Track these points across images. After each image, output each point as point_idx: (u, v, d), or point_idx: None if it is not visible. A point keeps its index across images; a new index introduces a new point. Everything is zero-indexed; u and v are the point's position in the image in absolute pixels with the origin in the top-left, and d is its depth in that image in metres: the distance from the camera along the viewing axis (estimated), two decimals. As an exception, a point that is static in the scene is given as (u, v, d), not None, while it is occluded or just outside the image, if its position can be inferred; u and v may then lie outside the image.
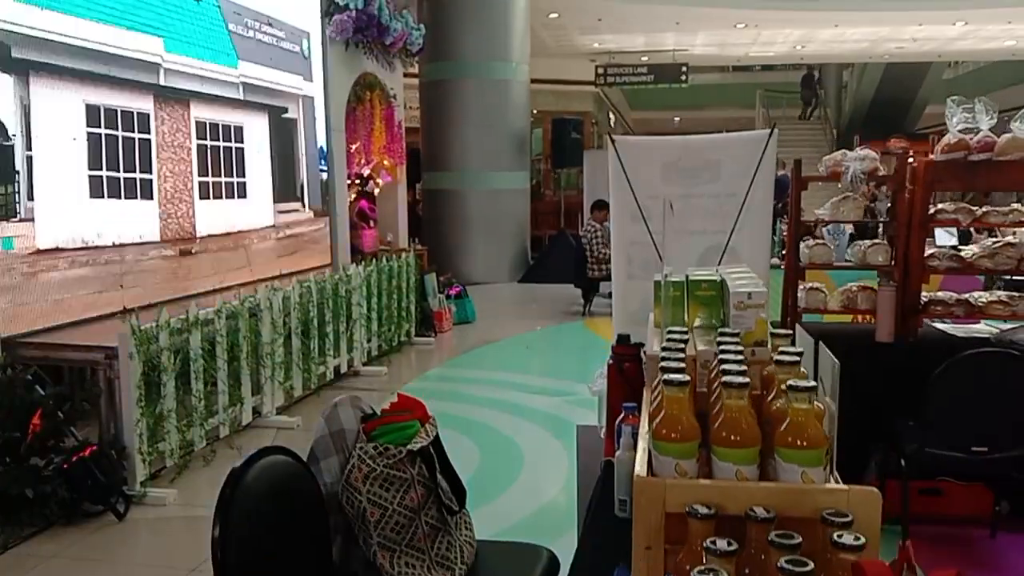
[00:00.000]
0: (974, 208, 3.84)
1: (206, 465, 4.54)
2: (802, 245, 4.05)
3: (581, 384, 6.30)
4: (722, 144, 4.15)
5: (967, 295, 3.95)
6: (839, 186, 3.96)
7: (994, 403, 3.29)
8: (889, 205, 4.09)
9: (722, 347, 1.62)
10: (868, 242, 3.99)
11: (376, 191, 8.96)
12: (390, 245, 9.02)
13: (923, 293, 3.99)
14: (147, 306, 5.00)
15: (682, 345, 1.67)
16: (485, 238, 12.20)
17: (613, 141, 4.08)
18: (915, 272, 3.80)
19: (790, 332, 1.80)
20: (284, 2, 7.09)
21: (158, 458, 4.23)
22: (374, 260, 7.12)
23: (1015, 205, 3.89)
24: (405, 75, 10.35)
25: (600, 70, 17.57)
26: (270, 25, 6.85)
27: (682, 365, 1.51)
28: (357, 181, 8.76)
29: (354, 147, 8.35)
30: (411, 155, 12.54)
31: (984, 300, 3.87)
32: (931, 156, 3.77)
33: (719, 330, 1.82)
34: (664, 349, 1.65)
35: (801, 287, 4.03)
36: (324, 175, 7.72)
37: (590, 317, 9.26)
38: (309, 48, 7.56)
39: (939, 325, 4.09)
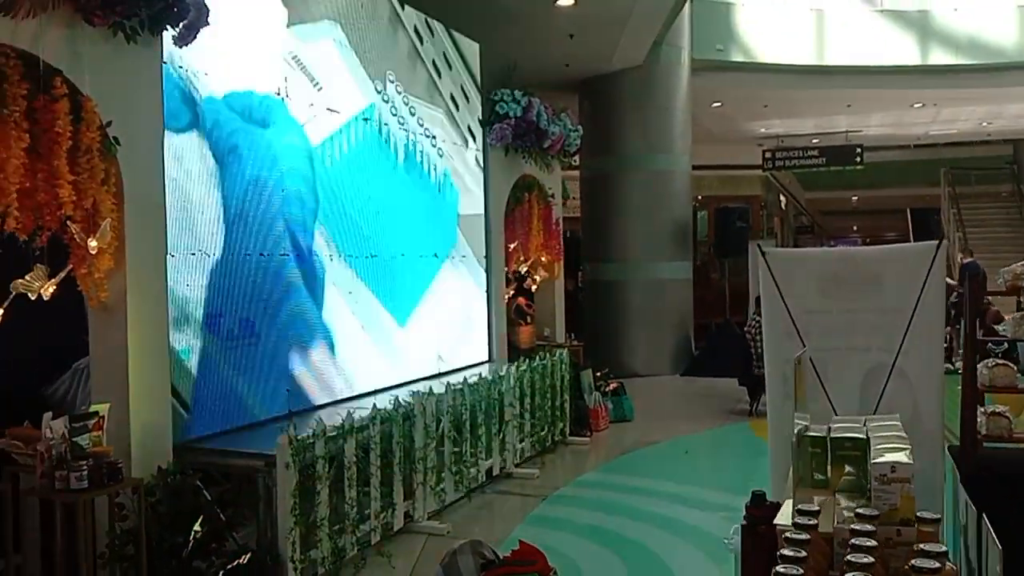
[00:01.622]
0: None
1: (356, 573, 4.62)
2: (981, 366, 3.67)
3: (743, 497, 5.96)
4: (885, 256, 3.89)
5: None
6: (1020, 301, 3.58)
7: None
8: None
9: (854, 542, 1.46)
10: (1061, 363, 3.56)
11: (534, 288, 9.08)
12: (547, 340, 9.06)
13: None
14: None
15: (806, 537, 1.51)
16: (647, 329, 12.02)
17: (764, 254, 3.92)
18: (1121, 399, 3.35)
19: (937, 518, 1.59)
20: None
21: (309, 565, 4.34)
22: (527, 360, 7.15)
23: None
24: (567, 168, 10.58)
25: (768, 155, 17.16)
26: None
27: (800, 572, 1.36)
28: (515, 278, 8.93)
29: (512, 246, 8.54)
30: (574, 243, 12.74)
31: None
32: None
33: (856, 511, 1.64)
34: (788, 542, 1.50)
35: (981, 412, 3.64)
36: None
37: (756, 417, 8.81)
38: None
39: None
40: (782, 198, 22.10)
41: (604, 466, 7.11)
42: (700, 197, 18.93)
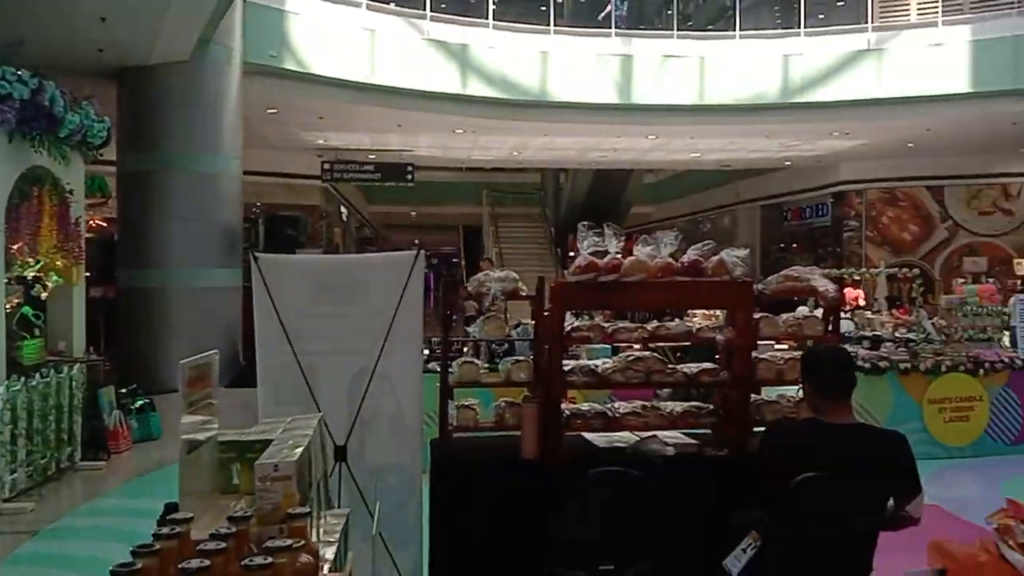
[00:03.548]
0: (605, 325, 4.05)
1: None
2: (454, 364, 4.05)
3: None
4: (369, 264, 4.12)
5: (606, 406, 4.14)
6: (485, 305, 4.02)
7: (612, 519, 3.39)
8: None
9: (202, 547, 1.43)
10: (513, 359, 4.07)
11: (44, 295, 8.02)
12: (61, 355, 8.06)
13: (574, 406, 4.14)
14: None
15: (155, 547, 1.45)
16: (191, 340, 11.30)
17: (256, 259, 3.90)
18: (555, 387, 3.91)
19: (307, 512, 1.65)
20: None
21: None
22: (23, 378, 6.27)
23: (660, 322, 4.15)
24: (102, 162, 9.58)
25: (327, 166, 17.44)
26: None
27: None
28: (20, 285, 7.80)
29: (16, 247, 7.45)
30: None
31: (620, 412, 4.07)
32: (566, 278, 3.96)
33: (230, 514, 1.63)
34: (133, 553, 1.42)
35: (452, 405, 4.01)
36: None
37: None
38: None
39: (587, 435, 4.23)
40: (343, 209, 22.66)
41: (118, 490, 6.52)
42: (260, 204, 18.62)
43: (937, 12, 15.02)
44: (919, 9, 15.38)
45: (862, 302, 12.69)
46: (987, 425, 7.87)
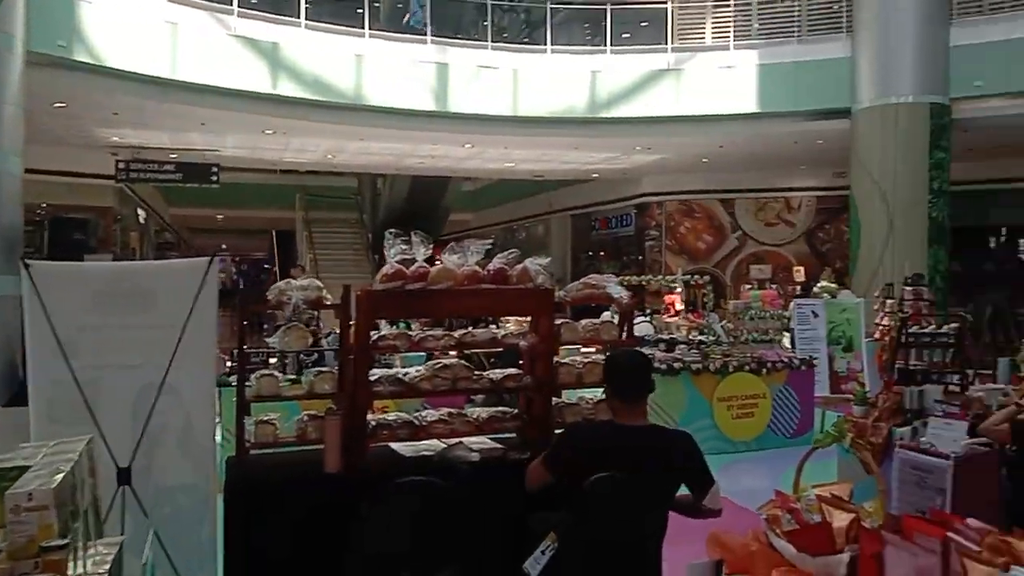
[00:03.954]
0: (412, 333, 4.03)
1: None
2: (253, 377, 3.88)
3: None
4: (158, 272, 3.87)
5: (414, 415, 4.11)
6: (281, 314, 3.89)
7: (417, 529, 3.38)
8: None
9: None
10: (316, 370, 3.96)
11: None
12: None
13: (381, 416, 4.08)
14: None
15: None
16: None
17: (28, 266, 3.56)
18: (360, 397, 3.84)
19: (65, 543, 1.51)
20: None
21: None
22: None
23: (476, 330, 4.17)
24: None
25: (121, 165, 16.25)
26: None
27: None
28: None
29: None
30: None
31: (427, 420, 4.06)
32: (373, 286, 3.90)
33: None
34: None
35: (250, 421, 3.83)
36: None
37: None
38: None
39: (394, 445, 4.18)
40: (140, 212, 21.23)
41: None
42: (45, 205, 17.10)
43: (729, 36, 16.22)
44: (713, 33, 16.54)
45: (679, 306, 13.38)
46: (769, 420, 8.57)
